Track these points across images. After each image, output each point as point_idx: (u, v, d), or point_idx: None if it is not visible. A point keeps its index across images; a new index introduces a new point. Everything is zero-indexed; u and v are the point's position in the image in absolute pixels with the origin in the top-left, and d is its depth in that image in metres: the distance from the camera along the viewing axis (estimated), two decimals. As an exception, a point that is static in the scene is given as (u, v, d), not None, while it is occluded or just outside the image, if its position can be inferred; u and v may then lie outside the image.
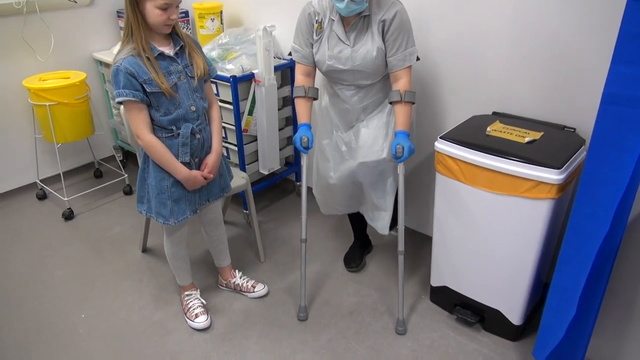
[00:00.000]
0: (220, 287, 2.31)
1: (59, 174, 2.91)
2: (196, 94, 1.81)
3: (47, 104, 2.69)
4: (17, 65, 2.88)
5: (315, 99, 2.04)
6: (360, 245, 2.49)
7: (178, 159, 1.80)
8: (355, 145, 2.04)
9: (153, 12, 1.64)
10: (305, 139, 1.95)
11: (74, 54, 3.11)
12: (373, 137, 1.99)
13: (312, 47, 1.95)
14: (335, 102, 2.07)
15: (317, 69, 2.01)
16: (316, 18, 1.90)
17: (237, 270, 2.30)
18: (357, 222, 2.44)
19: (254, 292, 2.24)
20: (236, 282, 2.26)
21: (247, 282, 2.26)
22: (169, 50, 1.75)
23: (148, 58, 1.68)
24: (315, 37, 1.93)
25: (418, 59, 1.91)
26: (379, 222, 2.16)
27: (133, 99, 1.68)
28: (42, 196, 3.10)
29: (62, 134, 2.83)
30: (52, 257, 2.56)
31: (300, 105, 2.00)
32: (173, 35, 1.77)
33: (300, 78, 2.01)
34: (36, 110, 2.81)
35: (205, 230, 2.15)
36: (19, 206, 3.03)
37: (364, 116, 2.04)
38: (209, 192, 1.97)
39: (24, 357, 1.96)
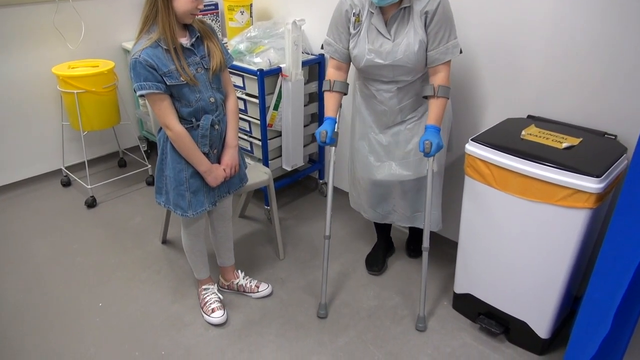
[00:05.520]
0: (222, 289, 2.23)
1: (84, 162, 2.93)
2: (214, 85, 1.79)
3: (75, 91, 2.71)
4: (47, 52, 2.91)
5: (344, 93, 2.00)
6: (383, 248, 2.43)
7: None
8: (395, 150, 2.02)
9: None
10: (324, 132, 1.90)
11: (103, 43, 3.13)
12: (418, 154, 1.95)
13: (347, 43, 1.91)
14: (370, 104, 2.02)
15: (353, 65, 1.96)
16: (354, 11, 1.86)
17: (240, 271, 2.24)
18: (381, 223, 2.38)
19: (258, 292, 2.19)
20: (239, 283, 2.20)
21: (250, 282, 2.21)
22: (186, 41, 1.72)
23: (171, 48, 1.65)
24: (353, 31, 1.88)
25: (461, 51, 1.85)
26: (420, 222, 2.13)
27: (156, 91, 1.65)
28: (67, 183, 3.13)
29: (89, 122, 2.84)
30: (73, 243, 2.57)
31: (327, 99, 1.99)
32: (189, 26, 1.74)
33: (330, 71, 1.99)
34: (64, 97, 2.83)
35: (212, 225, 2.09)
36: (44, 192, 3.06)
37: (401, 117, 1.99)
38: (229, 183, 1.95)
39: (38, 341, 1.97)
